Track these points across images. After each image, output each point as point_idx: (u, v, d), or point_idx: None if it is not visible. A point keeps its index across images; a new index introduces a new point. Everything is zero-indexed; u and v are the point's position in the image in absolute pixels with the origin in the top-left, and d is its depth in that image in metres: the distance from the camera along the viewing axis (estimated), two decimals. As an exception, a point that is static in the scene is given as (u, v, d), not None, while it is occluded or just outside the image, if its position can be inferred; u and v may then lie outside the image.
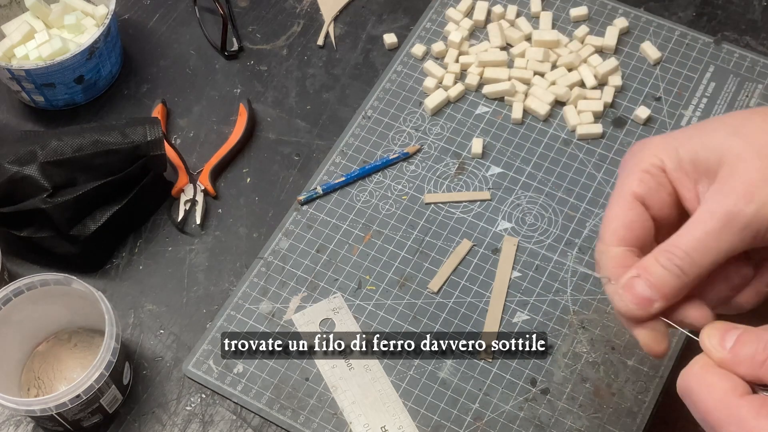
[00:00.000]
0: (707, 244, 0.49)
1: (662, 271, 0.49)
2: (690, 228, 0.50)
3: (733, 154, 0.49)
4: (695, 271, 0.49)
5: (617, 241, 0.53)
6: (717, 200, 0.49)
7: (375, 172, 0.87)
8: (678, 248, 0.49)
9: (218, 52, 0.96)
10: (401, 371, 0.77)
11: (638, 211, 0.53)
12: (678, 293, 0.50)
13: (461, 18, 0.95)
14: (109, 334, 0.70)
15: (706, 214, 0.49)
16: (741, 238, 0.49)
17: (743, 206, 0.48)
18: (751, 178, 0.48)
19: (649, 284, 0.50)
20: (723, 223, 0.48)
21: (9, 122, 0.93)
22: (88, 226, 0.81)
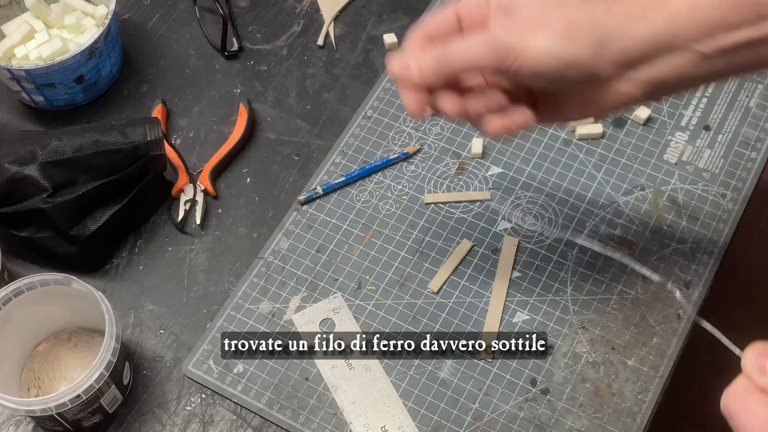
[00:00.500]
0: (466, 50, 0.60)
1: (427, 54, 0.61)
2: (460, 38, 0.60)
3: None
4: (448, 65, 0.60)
5: (422, 30, 0.63)
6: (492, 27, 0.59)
7: (375, 172, 0.87)
8: (447, 47, 0.60)
9: (218, 52, 0.96)
10: (401, 371, 0.77)
11: (450, 17, 0.63)
12: (432, 74, 0.61)
13: (461, 18, 0.95)
14: (109, 334, 0.70)
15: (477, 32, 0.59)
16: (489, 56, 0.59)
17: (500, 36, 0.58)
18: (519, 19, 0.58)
19: (414, 57, 0.61)
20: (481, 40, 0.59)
21: (9, 122, 0.93)
22: (88, 226, 0.81)
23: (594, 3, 0.57)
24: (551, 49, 0.57)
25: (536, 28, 0.57)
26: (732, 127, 0.88)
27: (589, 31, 0.57)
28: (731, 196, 0.84)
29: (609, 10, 0.57)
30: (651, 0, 0.57)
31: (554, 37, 0.57)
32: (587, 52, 0.57)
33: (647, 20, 0.56)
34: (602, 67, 0.57)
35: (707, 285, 0.80)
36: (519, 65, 0.58)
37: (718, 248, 0.82)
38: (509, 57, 0.58)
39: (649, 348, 0.77)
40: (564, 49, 0.57)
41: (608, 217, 0.84)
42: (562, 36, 0.57)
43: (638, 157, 0.87)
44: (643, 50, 0.57)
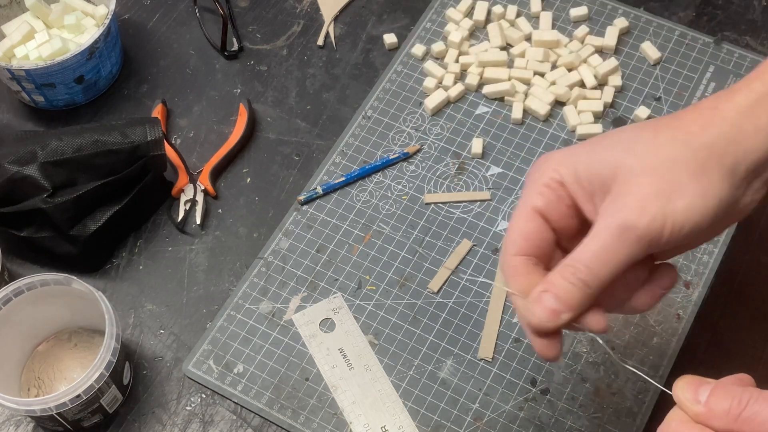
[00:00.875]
0: (605, 257, 0.52)
1: (567, 285, 0.53)
2: (588, 242, 0.53)
3: (626, 170, 0.53)
4: (597, 282, 0.52)
5: (516, 251, 0.56)
6: (611, 214, 0.52)
7: (375, 172, 0.87)
8: (579, 262, 0.53)
9: (218, 52, 0.96)
10: (401, 371, 0.77)
11: (537, 223, 0.56)
12: (583, 304, 0.53)
13: (461, 18, 0.95)
14: (109, 334, 0.70)
15: (602, 228, 0.52)
16: (636, 249, 0.52)
17: (635, 220, 0.51)
18: (643, 193, 0.52)
19: (556, 297, 0.53)
20: (618, 237, 0.52)
21: (9, 122, 0.93)
22: (88, 226, 0.81)
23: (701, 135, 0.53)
24: (696, 204, 0.52)
25: (666, 196, 0.52)
26: (732, 127, 0.88)
27: (716, 168, 0.53)
28: (731, 196, 0.84)
29: (719, 138, 0.53)
30: (757, 111, 0.54)
31: (693, 193, 0.52)
32: (725, 187, 0.53)
33: (764, 133, 0.53)
34: (738, 191, 0.54)
35: (707, 285, 0.80)
36: (675, 234, 0.52)
37: (718, 248, 0.82)
38: (657, 234, 0.52)
39: (649, 348, 0.77)
40: (705, 197, 0.52)
41: (608, 217, 0.84)
42: (699, 186, 0.52)
43: (638, 157, 0.87)
44: (765, 160, 0.54)
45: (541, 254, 0.57)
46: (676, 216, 0.51)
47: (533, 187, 0.57)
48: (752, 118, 0.53)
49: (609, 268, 0.52)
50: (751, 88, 0.54)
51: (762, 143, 0.53)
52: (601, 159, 0.54)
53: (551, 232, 0.57)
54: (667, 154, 0.53)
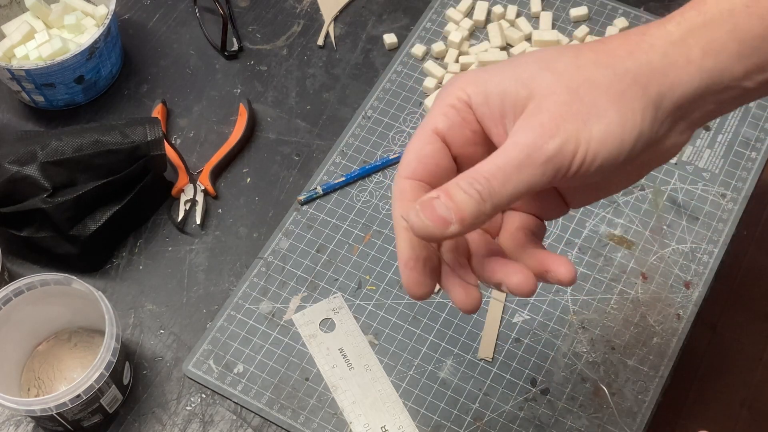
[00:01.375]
0: (508, 174, 0.47)
1: (462, 195, 0.47)
2: (493, 157, 0.48)
3: (542, 88, 0.48)
4: (494, 199, 0.48)
5: (408, 174, 0.52)
6: (522, 132, 0.48)
7: (375, 172, 0.87)
8: (480, 174, 0.48)
9: (218, 52, 0.96)
10: (401, 371, 0.77)
11: (436, 146, 0.52)
12: (475, 219, 0.48)
13: (461, 18, 0.95)
14: (109, 334, 0.70)
15: (510, 145, 0.48)
16: (542, 171, 0.47)
17: (546, 140, 0.47)
18: (557, 112, 0.47)
19: (449, 206, 0.47)
20: (525, 155, 0.47)
21: (9, 122, 0.93)
22: (88, 226, 0.81)
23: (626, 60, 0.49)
24: (613, 132, 0.48)
25: (582, 118, 0.47)
26: (732, 127, 0.88)
27: (639, 97, 0.48)
28: (731, 196, 0.85)
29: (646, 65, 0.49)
30: (689, 41, 0.49)
31: (611, 119, 0.48)
32: (647, 119, 0.49)
33: (695, 66, 0.49)
34: (662, 128, 0.50)
35: (707, 285, 0.80)
36: (587, 163, 0.48)
37: (718, 248, 0.82)
38: (567, 160, 0.47)
39: (649, 348, 0.77)
40: (624, 126, 0.48)
41: (608, 217, 0.84)
42: (619, 113, 0.48)
43: (638, 157, 0.87)
44: (694, 98, 0.50)
45: (436, 181, 0.52)
46: (590, 142, 0.47)
47: (437, 106, 0.52)
48: (683, 49, 0.49)
49: (510, 187, 0.47)
50: (685, 17, 0.50)
51: (692, 77, 0.49)
52: (515, 76, 0.50)
53: (450, 159, 0.53)
54: (589, 75, 0.48)
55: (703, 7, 0.49)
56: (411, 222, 0.48)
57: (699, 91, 0.49)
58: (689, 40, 0.49)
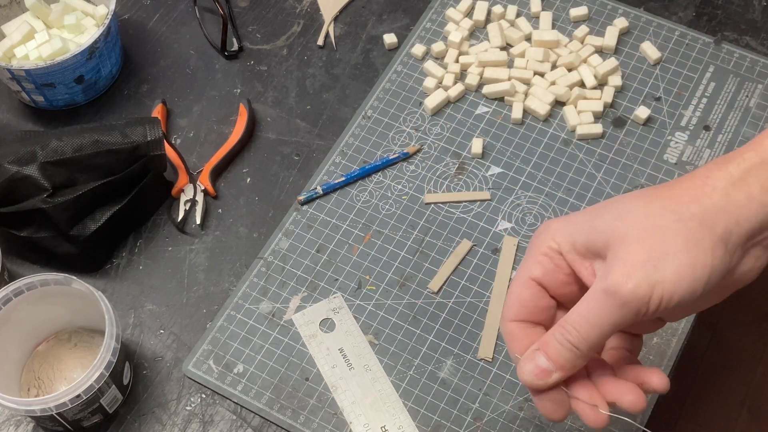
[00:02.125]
0: (591, 320, 0.54)
1: (558, 346, 0.55)
2: (578, 306, 0.55)
3: (617, 238, 0.54)
4: (585, 345, 0.55)
5: (513, 317, 0.59)
6: (600, 280, 0.54)
7: (375, 172, 0.87)
8: (569, 325, 0.55)
9: (218, 52, 0.96)
10: (401, 371, 0.77)
11: (534, 291, 0.58)
12: (574, 365, 0.56)
13: (461, 18, 0.95)
14: (109, 334, 0.70)
15: (591, 292, 0.54)
16: (622, 315, 0.53)
17: (620, 285, 0.52)
18: (631, 260, 0.53)
19: (548, 357, 0.56)
20: (603, 301, 0.53)
21: (9, 122, 0.93)
22: (88, 226, 0.81)
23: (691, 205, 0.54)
24: (685, 272, 0.52)
25: (653, 264, 0.52)
26: (732, 127, 0.88)
27: (708, 237, 0.53)
28: (731, 196, 0.84)
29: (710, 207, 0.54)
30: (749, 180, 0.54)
31: (682, 261, 0.52)
32: (718, 256, 0.53)
33: (757, 202, 0.54)
34: (734, 258, 0.54)
35: (707, 285, 0.80)
36: (664, 303, 0.53)
37: (718, 248, 0.82)
38: (644, 300, 0.52)
39: (649, 348, 0.77)
40: (695, 266, 0.53)
41: (608, 217, 0.84)
42: (689, 255, 0.53)
43: (638, 157, 0.87)
44: (761, 228, 0.54)
45: (540, 319, 0.59)
46: (665, 284, 0.52)
47: (532, 255, 0.58)
48: (744, 188, 0.54)
49: (596, 331, 0.54)
50: (744, 157, 0.55)
51: (755, 213, 0.54)
52: (595, 227, 0.56)
53: (549, 299, 0.59)
54: (658, 222, 0.54)
55: (759, 147, 0.55)
56: (520, 376, 0.57)
57: (764, 222, 0.54)
58: (749, 179, 0.54)
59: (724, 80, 0.91)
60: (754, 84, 0.91)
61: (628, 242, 0.53)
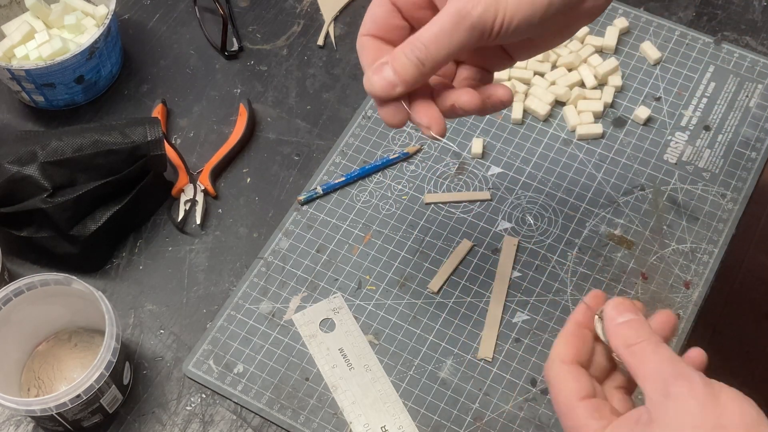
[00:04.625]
0: (441, 40, 0.57)
1: (405, 60, 0.58)
2: (430, 25, 0.57)
3: None
4: (431, 62, 0.57)
5: (365, 32, 0.62)
6: (453, 2, 0.57)
7: (375, 172, 0.87)
8: (419, 41, 0.57)
9: (218, 52, 0.96)
10: (401, 371, 0.77)
11: (386, 9, 0.61)
12: (417, 80, 0.59)
13: (461, 18, 0.95)
14: (109, 334, 0.70)
15: (443, 13, 0.57)
16: (469, 35, 0.57)
17: (470, 9, 0.56)
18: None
19: (395, 71, 0.58)
20: (454, 23, 0.56)
21: (9, 122, 0.93)
22: (88, 226, 0.81)
23: None
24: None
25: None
26: (732, 127, 0.88)
27: None
28: (731, 196, 0.85)
29: None
30: None
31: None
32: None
33: None
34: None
35: (707, 285, 0.80)
36: (505, 26, 0.57)
37: (718, 248, 0.82)
38: (489, 24, 0.56)
39: (649, 348, 0.77)
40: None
41: (608, 217, 0.84)
42: None
43: (638, 157, 0.87)
44: None
45: (389, 37, 0.62)
46: (507, 8, 0.56)
47: None
48: None
49: (444, 50, 0.57)
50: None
51: None
52: None
53: (401, 19, 0.61)
54: None
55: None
56: (366, 87, 0.60)
57: None
58: None
59: (724, 80, 0.91)
60: (754, 84, 0.91)
61: None
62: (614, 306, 0.58)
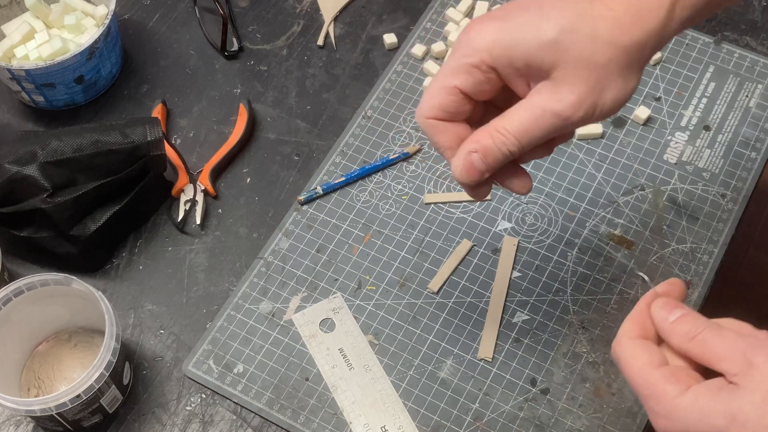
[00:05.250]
0: (533, 134, 0.59)
1: (496, 152, 0.60)
2: (519, 116, 0.59)
3: (567, 63, 0.58)
4: (519, 152, 0.60)
5: (431, 116, 0.62)
6: (549, 101, 0.58)
7: (375, 172, 0.87)
8: (509, 133, 0.59)
9: (218, 52, 0.96)
10: (401, 371, 0.77)
11: (457, 99, 0.61)
12: (503, 165, 0.62)
13: (461, 18, 0.95)
14: (109, 334, 0.70)
15: (538, 108, 0.59)
16: (556, 132, 0.59)
17: (572, 113, 0.58)
18: (581, 90, 0.58)
19: (484, 160, 0.61)
20: (551, 121, 0.58)
21: (9, 122, 0.93)
22: (88, 226, 0.81)
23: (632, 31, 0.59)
24: (619, 96, 0.59)
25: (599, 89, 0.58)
26: (732, 127, 0.88)
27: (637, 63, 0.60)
28: (731, 196, 0.84)
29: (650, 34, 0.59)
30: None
31: (619, 87, 0.59)
32: (639, 76, 0.61)
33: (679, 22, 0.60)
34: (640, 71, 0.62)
35: (707, 285, 0.80)
36: (598, 118, 0.60)
37: (718, 248, 0.82)
38: (583, 123, 0.59)
39: (649, 348, 0.77)
40: (626, 91, 0.60)
41: (608, 217, 0.84)
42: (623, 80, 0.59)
43: (638, 157, 0.87)
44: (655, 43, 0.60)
45: (453, 119, 0.62)
46: (604, 107, 0.59)
47: (462, 63, 0.60)
48: (675, 15, 0.59)
49: (533, 143, 0.60)
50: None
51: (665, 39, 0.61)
52: (538, 42, 0.58)
53: (470, 103, 0.62)
54: (604, 53, 0.58)
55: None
56: (455, 174, 0.62)
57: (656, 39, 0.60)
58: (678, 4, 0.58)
59: (724, 80, 0.91)
60: (754, 84, 0.91)
61: (579, 68, 0.58)
62: (662, 306, 0.58)
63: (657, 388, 0.54)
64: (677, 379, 0.54)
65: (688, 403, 0.53)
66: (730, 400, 0.52)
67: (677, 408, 0.53)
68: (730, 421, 0.51)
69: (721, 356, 0.54)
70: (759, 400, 0.51)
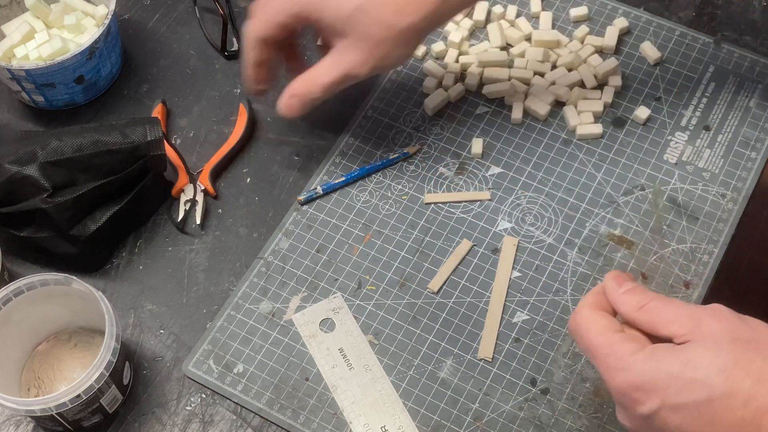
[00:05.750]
0: (331, 87, 0.80)
1: (308, 97, 0.81)
2: (328, 73, 0.79)
3: (356, 35, 0.76)
4: (325, 96, 0.81)
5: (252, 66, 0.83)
6: (345, 59, 0.78)
7: (375, 172, 0.87)
8: (317, 85, 0.80)
9: (218, 52, 0.96)
10: (401, 371, 0.77)
11: (263, 50, 0.81)
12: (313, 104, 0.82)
13: (461, 18, 0.95)
14: (109, 334, 0.70)
15: (337, 67, 0.78)
16: (352, 82, 0.80)
17: (359, 71, 0.78)
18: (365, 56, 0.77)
19: (300, 103, 0.81)
20: (344, 76, 0.79)
21: (9, 122, 0.93)
22: (88, 226, 0.81)
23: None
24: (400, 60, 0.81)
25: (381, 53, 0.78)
26: (732, 127, 0.88)
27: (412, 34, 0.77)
28: (731, 196, 0.85)
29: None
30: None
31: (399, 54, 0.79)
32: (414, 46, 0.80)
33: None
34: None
35: (707, 285, 0.80)
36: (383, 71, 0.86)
37: (718, 248, 0.82)
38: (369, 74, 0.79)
39: (649, 348, 0.77)
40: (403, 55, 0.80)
41: (608, 217, 0.84)
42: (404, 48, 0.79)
43: (638, 157, 0.87)
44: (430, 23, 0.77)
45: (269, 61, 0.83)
46: (386, 67, 0.80)
47: (267, 18, 0.80)
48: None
49: (334, 90, 0.80)
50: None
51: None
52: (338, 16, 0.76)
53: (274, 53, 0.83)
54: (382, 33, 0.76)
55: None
56: (279, 110, 0.83)
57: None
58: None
59: (724, 80, 0.91)
60: (754, 84, 0.91)
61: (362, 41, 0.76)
62: (613, 278, 0.63)
63: (616, 346, 0.59)
64: (636, 339, 0.59)
65: (645, 355, 0.57)
66: (684, 349, 0.56)
67: (636, 360, 0.57)
68: (684, 364, 0.55)
69: (669, 320, 0.58)
70: (710, 344, 0.56)
